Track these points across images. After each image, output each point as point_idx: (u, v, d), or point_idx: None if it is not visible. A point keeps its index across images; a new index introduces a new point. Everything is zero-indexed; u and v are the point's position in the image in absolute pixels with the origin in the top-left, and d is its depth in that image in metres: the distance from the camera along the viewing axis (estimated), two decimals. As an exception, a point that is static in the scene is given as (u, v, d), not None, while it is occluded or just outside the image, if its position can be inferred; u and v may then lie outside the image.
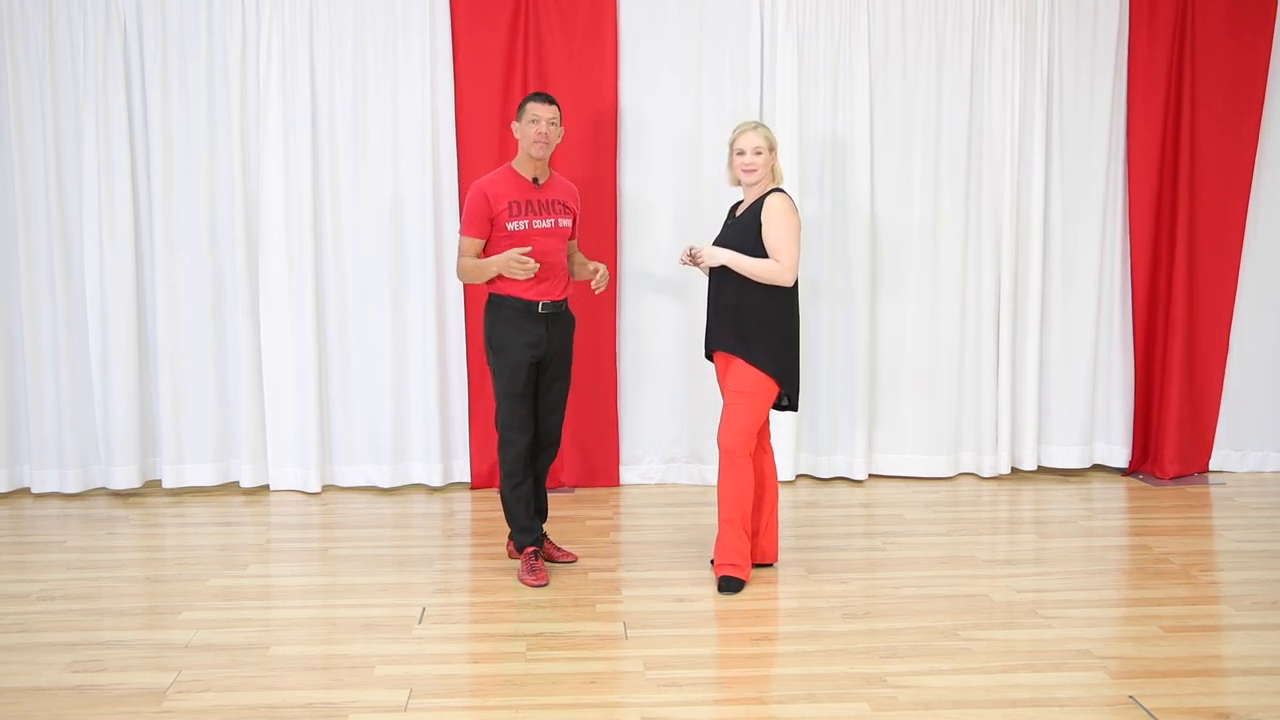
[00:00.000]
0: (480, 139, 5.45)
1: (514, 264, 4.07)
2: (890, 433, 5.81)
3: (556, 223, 4.28)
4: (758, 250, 4.08)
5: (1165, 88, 5.66)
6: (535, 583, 4.21)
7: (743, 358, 4.11)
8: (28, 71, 5.30)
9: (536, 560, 4.29)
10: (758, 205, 4.12)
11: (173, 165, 5.39)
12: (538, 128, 4.19)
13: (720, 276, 4.17)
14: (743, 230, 4.14)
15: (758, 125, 4.15)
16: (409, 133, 5.44)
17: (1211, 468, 5.98)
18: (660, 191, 5.58)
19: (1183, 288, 5.70)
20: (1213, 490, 5.67)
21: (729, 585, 4.14)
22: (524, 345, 4.22)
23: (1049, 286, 5.81)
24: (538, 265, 4.11)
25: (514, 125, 4.27)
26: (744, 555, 4.16)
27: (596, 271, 4.32)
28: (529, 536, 4.31)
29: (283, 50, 5.36)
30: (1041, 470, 5.98)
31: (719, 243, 4.21)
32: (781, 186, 4.19)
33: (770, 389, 4.12)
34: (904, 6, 5.60)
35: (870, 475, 5.84)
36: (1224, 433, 5.97)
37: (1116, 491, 5.65)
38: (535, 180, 4.28)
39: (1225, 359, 5.85)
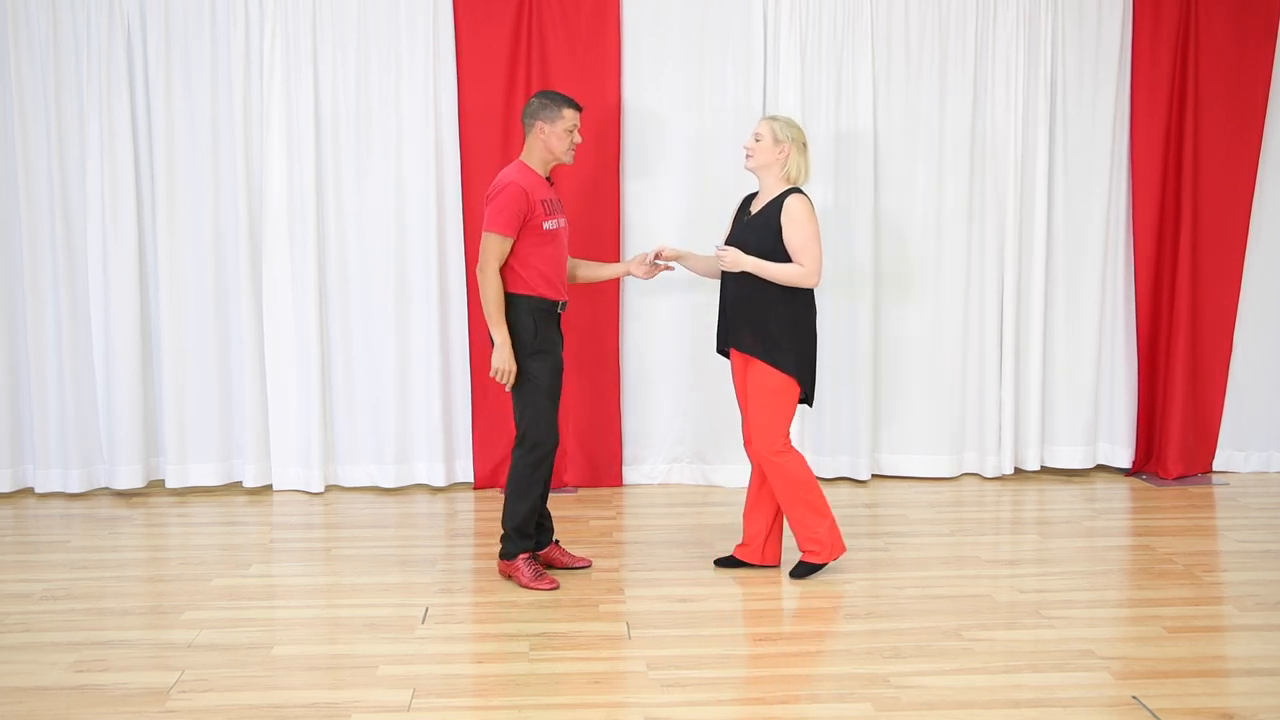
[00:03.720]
0: (484, 138, 5.45)
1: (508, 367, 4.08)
2: (894, 433, 5.80)
3: (565, 221, 4.30)
4: (776, 251, 4.08)
5: (1169, 88, 5.65)
6: (550, 585, 4.18)
7: (762, 359, 4.11)
8: (31, 72, 5.31)
9: (538, 564, 4.28)
10: (775, 206, 4.11)
11: (176, 165, 5.40)
12: (573, 137, 4.19)
13: (736, 274, 4.16)
14: (760, 231, 4.12)
15: (774, 117, 4.18)
16: (412, 132, 5.44)
17: (1215, 468, 5.97)
18: (663, 190, 5.57)
19: (1186, 288, 5.69)
20: (1216, 490, 5.66)
21: (804, 570, 4.21)
22: (560, 346, 4.23)
23: (1052, 287, 5.81)
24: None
25: (540, 124, 4.16)
26: (818, 540, 4.20)
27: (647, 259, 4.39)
28: (531, 542, 4.29)
29: (286, 49, 5.36)
30: (1045, 470, 5.97)
31: (732, 240, 4.20)
32: (800, 187, 4.18)
33: (793, 386, 4.13)
34: (907, 6, 5.59)
35: (873, 475, 5.83)
36: (1228, 433, 5.96)
37: (1120, 492, 5.64)
38: (547, 179, 4.27)
39: (1229, 359, 5.84)
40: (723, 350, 4.33)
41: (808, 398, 4.23)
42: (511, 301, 4.15)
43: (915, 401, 5.75)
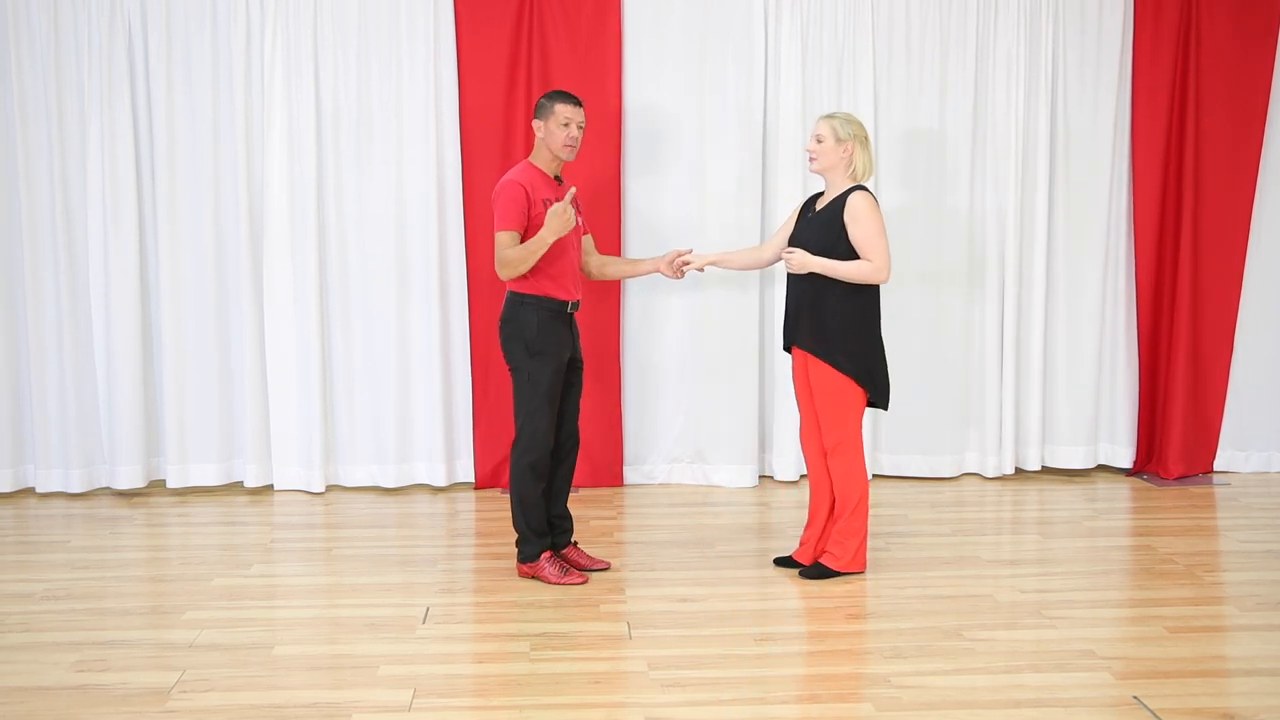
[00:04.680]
0: (484, 137, 5.45)
1: (559, 220, 4.00)
2: (894, 433, 5.80)
3: (579, 220, 4.28)
4: (836, 248, 4.07)
5: (1169, 88, 5.65)
6: (579, 580, 4.20)
7: (822, 358, 4.11)
8: (32, 70, 5.31)
9: (561, 560, 4.28)
10: (839, 203, 4.10)
11: (177, 165, 5.40)
12: (569, 131, 4.14)
13: (800, 272, 4.15)
14: (823, 228, 4.12)
15: (833, 115, 4.16)
16: (413, 131, 5.44)
17: (1216, 468, 5.97)
18: (664, 190, 5.57)
19: (1187, 288, 5.69)
20: (1217, 490, 5.66)
21: (816, 572, 4.24)
22: (564, 346, 4.20)
23: (1053, 286, 5.80)
24: (574, 214, 4.09)
25: (536, 124, 4.19)
26: (844, 548, 4.23)
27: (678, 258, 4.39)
28: (547, 540, 4.28)
29: (287, 48, 5.36)
30: (1046, 470, 5.97)
31: (795, 240, 4.20)
32: (865, 184, 4.16)
33: (853, 386, 4.13)
34: (908, 6, 5.59)
35: (874, 475, 5.83)
36: (1228, 433, 5.95)
37: (1121, 492, 5.64)
38: (557, 178, 4.26)
39: (1230, 359, 5.83)
40: (788, 348, 4.33)
41: (878, 402, 4.21)
42: (520, 300, 4.16)
43: (915, 401, 5.74)
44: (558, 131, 4.14)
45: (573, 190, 4.11)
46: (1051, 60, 5.66)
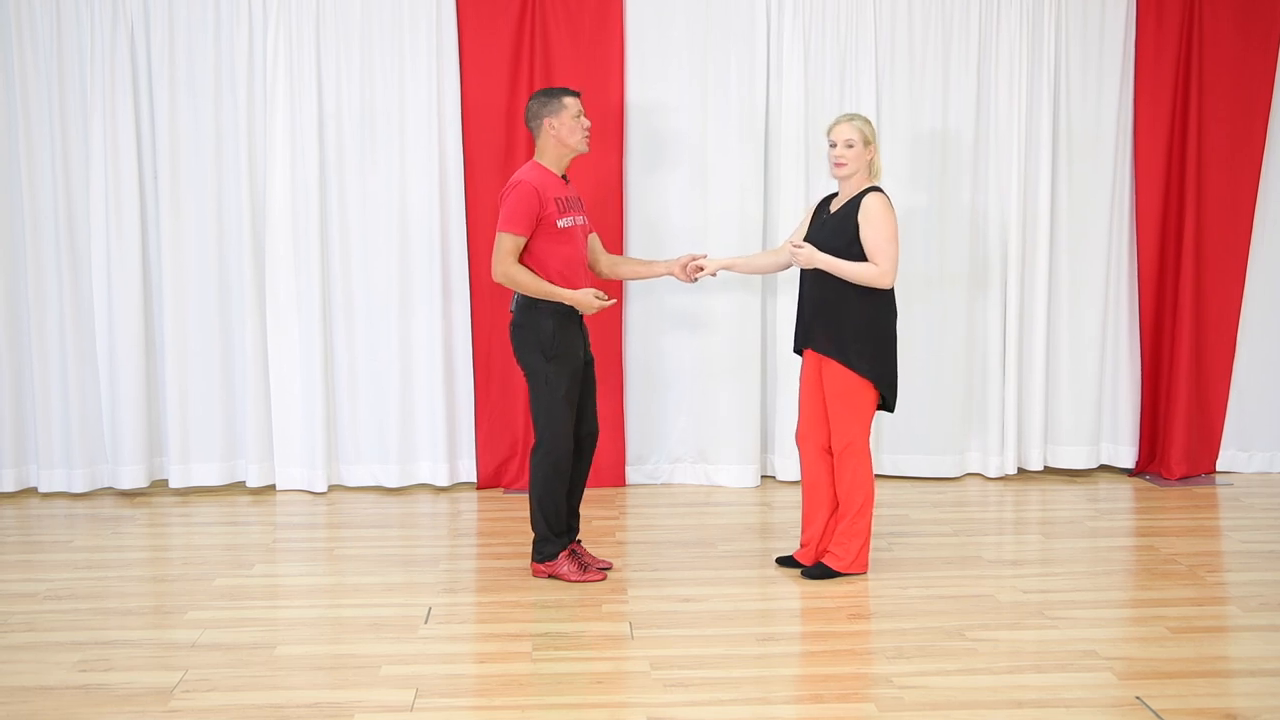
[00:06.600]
0: (487, 137, 5.45)
1: (591, 309, 4.10)
2: (896, 433, 5.79)
3: (585, 219, 4.28)
4: (851, 250, 4.06)
5: (1172, 90, 5.64)
6: (599, 578, 4.21)
7: (837, 359, 4.10)
8: (35, 73, 5.31)
9: (582, 556, 4.28)
10: (853, 204, 4.09)
11: (179, 166, 5.40)
12: (582, 123, 4.17)
13: (814, 272, 4.14)
14: (835, 229, 4.11)
15: (853, 117, 4.13)
16: (415, 131, 5.44)
17: (1219, 468, 5.96)
18: (666, 188, 5.57)
19: (1190, 288, 5.68)
20: (1220, 491, 5.65)
21: (819, 572, 4.24)
22: (578, 347, 4.21)
23: (1056, 286, 5.80)
24: (612, 301, 4.17)
25: (547, 121, 4.16)
26: (847, 549, 4.22)
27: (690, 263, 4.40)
28: (565, 540, 4.28)
29: (289, 50, 5.36)
30: (1048, 471, 5.96)
31: (810, 239, 4.19)
32: (879, 185, 4.16)
33: (868, 388, 4.13)
34: (910, 5, 5.59)
35: (876, 475, 5.81)
36: (1231, 433, 5.94)
37: (1123, 492, 5.63)
38: (564, 177, 4.26)
39: (1232, 359, 5.83)
40: (799, 350, 4.32)
41: (887, 404, 4.20)
42: (533, 304, 4.13)
43: (917, 401, 5.74)
44: (573, 124, 4.14)
45: (611, 302, 4.21)
46: (1054, 59, 5.65)
